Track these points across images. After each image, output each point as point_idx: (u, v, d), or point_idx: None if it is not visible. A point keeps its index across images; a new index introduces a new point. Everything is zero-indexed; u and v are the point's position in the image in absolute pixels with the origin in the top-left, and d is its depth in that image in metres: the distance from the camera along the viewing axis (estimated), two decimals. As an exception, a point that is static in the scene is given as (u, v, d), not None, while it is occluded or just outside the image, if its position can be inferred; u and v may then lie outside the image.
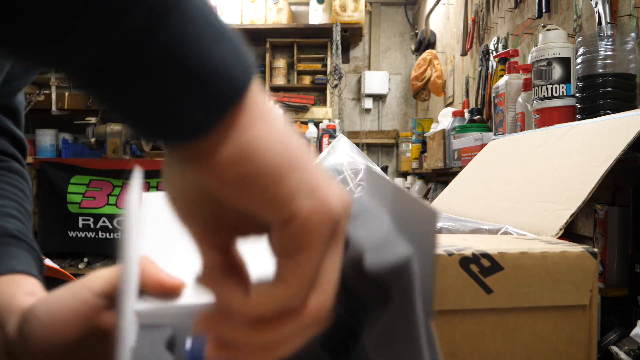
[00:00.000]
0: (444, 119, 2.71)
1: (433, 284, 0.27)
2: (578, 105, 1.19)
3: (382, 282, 0.25)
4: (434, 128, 2.94)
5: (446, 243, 0.49)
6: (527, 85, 1.53)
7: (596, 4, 1.29)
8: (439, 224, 0.82)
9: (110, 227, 2.48)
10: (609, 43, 1.14)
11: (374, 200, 0.35)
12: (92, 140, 3.46)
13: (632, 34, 1.19)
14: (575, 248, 0.48)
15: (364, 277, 0.26)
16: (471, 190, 1.04)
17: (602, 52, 1.14)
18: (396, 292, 0.25)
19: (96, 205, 3.28)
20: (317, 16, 4.41)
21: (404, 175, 4.11)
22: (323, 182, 0.24)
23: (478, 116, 2.32)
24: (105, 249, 2.56)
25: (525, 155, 0.97)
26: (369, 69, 4.84)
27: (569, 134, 0.88)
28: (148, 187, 2.79)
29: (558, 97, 1.32)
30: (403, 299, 0.25)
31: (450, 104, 3.34)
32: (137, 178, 0.32)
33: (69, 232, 3.27)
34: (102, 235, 2.48)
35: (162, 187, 0.25)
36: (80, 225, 3.28)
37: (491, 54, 2.39)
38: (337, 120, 4.03)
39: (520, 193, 0.81)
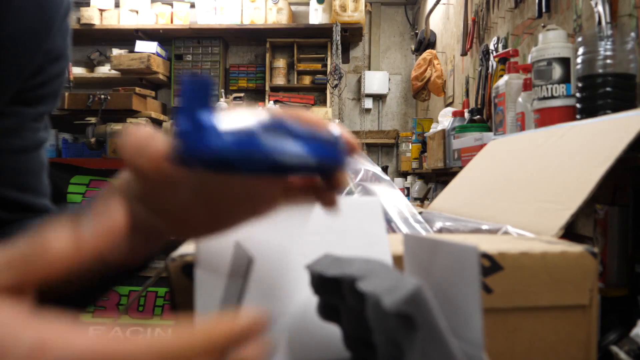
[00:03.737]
0: (444, 119, 2.71)
1: (481, 317, 0.29)
2: (578, 105, 1.19)
3: (404, 314, 0.27)
4: (434, 128, 2.94)
5: (446, 243, 0.49)
6: (527, 85, 1.53)
7: (596, 4, 1.29)
8: (439, 224, 0.82)
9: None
10: (609, 43, 1.14)
11: (411, 259, 0.37)
12: (92, 140, 3.46)
13: (632, 34, 1.19)
14: (575, 248, 0.48)
15: (387, 319, 0.28)
16: (471, 190, 1.04)
17: (602, 52, 1.14)
18: (419, 319, 0.27)
19: (96, 205, 3.27)
20: (317, 16, 4.41)
21: (404, 175, 4.11)
22: None
23: (478, 116, 2.32)
24: (105, 249, 2.57)
25: (525, 155, 0.97)
26: (369, 69, 4.84)
27: (569, 134, 0.88)
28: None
29: (558, 97, 1.31)
30: (428, 324, 0.27)
31: (450, 104, 3.34)
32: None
33: (69, 232, 3.27)
34: (102, 235, 2.48)
35: None
36: (80, 225, 3.28)
37: (491, 54, 2.39)
38: (337, 120, 4.03)
39: (520, 193, 0.81)
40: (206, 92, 0.28)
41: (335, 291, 0.35)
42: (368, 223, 0.45)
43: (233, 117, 0.28)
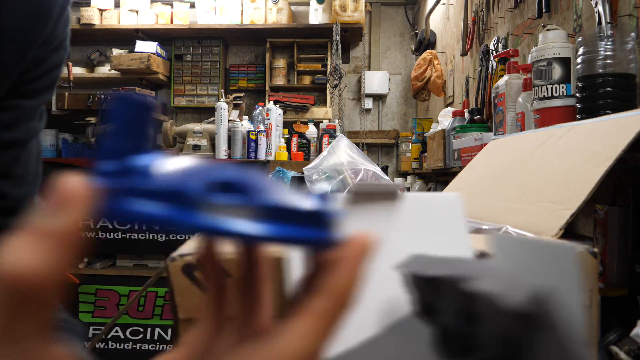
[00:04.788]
0: (444, 119, 2.71)
1: (582, 315, 0.29)
2: (578, 105, 1.19)
3: (528, 313, 0.27)
4: (434, 128, 2.94)
5: (446, 243, 0.49)
6: (527, 85, 1.53)
7: (596, 4, 1.29)
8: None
9: (110, 227, 2.48)
10: (609, 43, 1.14)
11: (503, 258, 0.37)
12: (92, 140, 3.46)
13: (632, 34, 1.19)
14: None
15: (507, 318, 0.28)
16: (471, 190, 1.04)
17: (602, 52, 1.14)
18: (542, 318, 0.27)
19: (96, 205, 3.28)
20: (317, 16, 4.41)
21: (404, 175, 4.11)
22: None
23: (478, 116, 2.31)
24: (105, 249, 2.57)
25: (525, 155, 0.97)
26: (369, 69, 4.84)
27: (569, 134, 0.88)
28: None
29: (558, 97, 1.32)
30: (548, 322, 0.27)
31: (450, 104, 3.34)
32: None
33: (69, 232, 3.27)
34: (102, 235, 2.48)
35: None
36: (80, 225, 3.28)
37: (491, 54, 2.39)
38: (337, 120, 4.02)
39: (520, 193, 0.81)
40: (144, 122, 0.21)
41: (433, 290, 0.35)
42: (449, 220, 0.45)
43: (174, 166, 0.21)
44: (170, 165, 0.21)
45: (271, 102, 4.09)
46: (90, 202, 0.19)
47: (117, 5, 4.52)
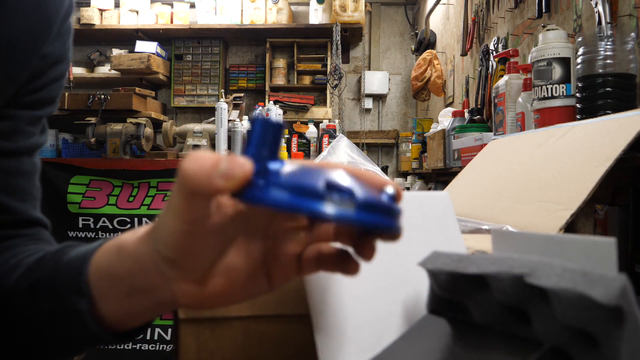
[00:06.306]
0: (444, 119, 2.71)
1: None
2: (578, 105, 1.19)
3: (615, 306, 0.27)
4: (434, 128, 2.94)
5: (446, 243, 0.49)
6: (527, 85, 1.53)
7: (596, 4, 1.29)
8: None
9: (110, 227, 2.48)
10: (609, 43, 1.14)
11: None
12: (92, 140, 3.46)
13: (632, 34, 1.19)
14: (576, 248, 0.48)
15: (587, 312, 0.28)
16: (471, 190, 1.04)
17: (602, 52, 1.14)
18: (627, 310, 0.27)
19: (96, 206, 3.28)
20: (317, 16, 4.41)
21: (404, 175, 4.11)
22: None
23: (478, 116, 2.32)
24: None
25: (525, 155, 0.97)
26: (369, 69, 4.84)
27: (569, 134, 0.88)
28: (148, 187, 2.79)
29: (558, 97, 1.32)
30: (632, 314, 0.28)
31: (450, 104, 3.34)
32: None
33: (69, 232, 3.28)
34: (102, 235, 2.47)
35: None
36: (80, 225, 3.28)
37: (491, 54, 2.39)
38: (337, 120, 4.02)
39: (520, 193, 0.81)
40: (277, 137, 0.30)
41: (472, 287, 0.35)
42: (441, 218, 0.46)
43: (300, 169, 0.30)
44: (290, 167, 0.30)
45: (271, 102, 4.09)
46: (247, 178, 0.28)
47: (117, 5, 4.52)
